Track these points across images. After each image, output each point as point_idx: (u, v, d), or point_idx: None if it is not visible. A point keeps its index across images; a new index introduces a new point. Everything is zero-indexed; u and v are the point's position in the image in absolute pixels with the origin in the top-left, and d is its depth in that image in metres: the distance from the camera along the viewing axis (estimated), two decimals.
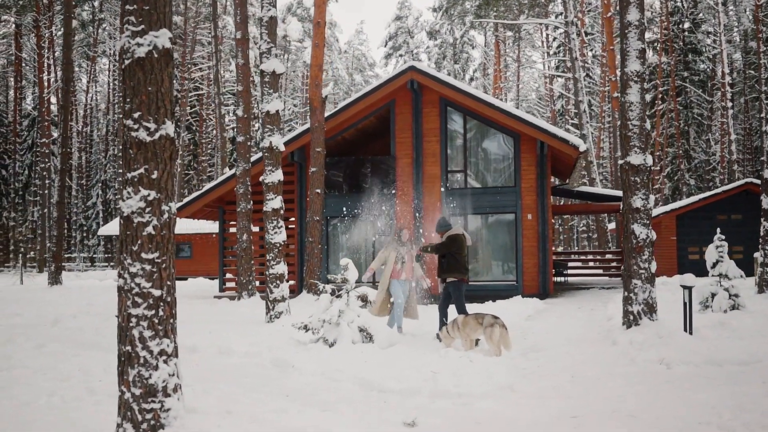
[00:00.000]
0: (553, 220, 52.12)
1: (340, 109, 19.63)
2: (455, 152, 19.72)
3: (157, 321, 5.39)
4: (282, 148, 13.03)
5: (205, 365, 9.52)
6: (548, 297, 18.55)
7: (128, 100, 5.40)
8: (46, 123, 41.26)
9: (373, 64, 70.46)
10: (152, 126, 5.37)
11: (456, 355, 9.02)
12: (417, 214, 19.27)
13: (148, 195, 5.36)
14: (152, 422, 5.32)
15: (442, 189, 19.46)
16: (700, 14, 43.02)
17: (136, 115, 5.35)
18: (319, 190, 17.98)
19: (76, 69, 59.40)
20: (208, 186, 20.82)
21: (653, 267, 10.82)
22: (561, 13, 37.26)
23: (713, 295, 13.34)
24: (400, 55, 63.30)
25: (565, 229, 51.92)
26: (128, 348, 5.36)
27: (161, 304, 5.41)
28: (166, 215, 5.44)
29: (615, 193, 23.10)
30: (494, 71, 51.22)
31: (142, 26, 5.37)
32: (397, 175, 19.67)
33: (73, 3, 51.43)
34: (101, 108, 63.32)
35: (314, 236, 18.07)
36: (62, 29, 26.97)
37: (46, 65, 44.14)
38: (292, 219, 20.89)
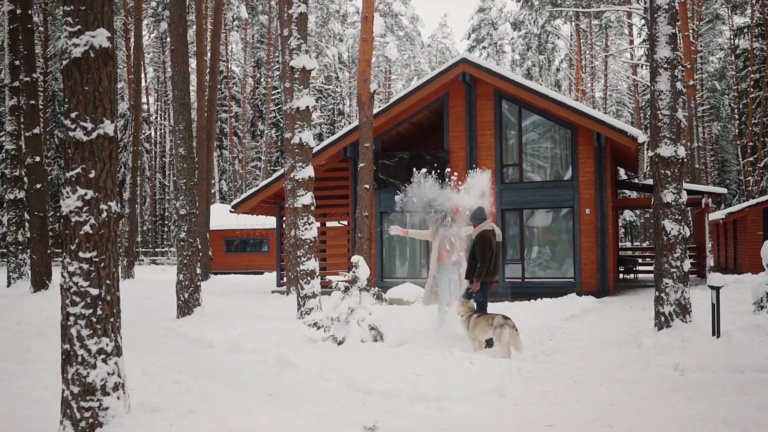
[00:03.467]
0: (630, 216, 50.04)
1: (391, 104, 19.45)
2: (510, 145, 19.20)
3: (95, 320, 5.40)
4: (312, 144, 13.00)
5: (212, 361, 9.61)
6: (607, 295, 17.82)
7: (66, 100, 5.43)
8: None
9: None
10: (89, 125, 5.38)
11: (459, 356, 8.73)
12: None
13: (86, 194, 5.38)
14: (90, 420, 5.35)
15: (497, 183, 18.98)
16: None
17: (73, 115, 5.38)
18: (367, 186, 17.88)
19: (168, 68, 61.40)
20: (263, 183, 21.09)
21: (686, 265, 10.17)
22: None
23: None
24: (483, 48, 62.28)
25: (651, 224, 49.87)
26: (67, 346, 5.41)
27: (99, 302, 5.42)
28: (104, 214, 5.44)
29: (686, 186, 21.90)
30: (576, 61, 49.72)
31: (79, 26, 5.38)
32: (451, 170, 19.28)
33: (162, 6, 53.34)
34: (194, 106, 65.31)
35: (363, 232, 18.00)
36: (132, 31, 27.98)
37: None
38: (347, 214, 20.92)
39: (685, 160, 10.41)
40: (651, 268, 25.61)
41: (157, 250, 50.99)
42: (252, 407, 6.60)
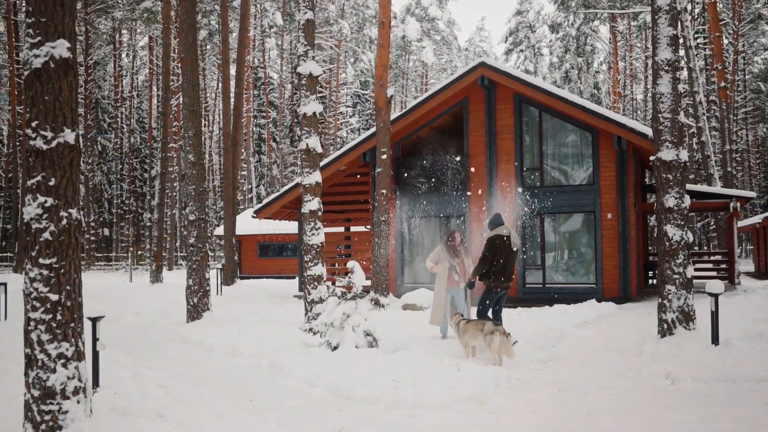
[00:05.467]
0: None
1: (410, 109, 19.44)
2: (530, 149, 19.01)
3: (55, 325, 5.50)
4: (319, 150, 13.04)
5: (208, 365, 9.71)
6: (629, 301, 17.48)
7: (28, 109, 5.55)
8: (173, 129, 43.64)
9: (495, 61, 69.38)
10: (49, 134, 5.49)
11: (447, 363, 8.68)
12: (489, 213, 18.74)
13: (45, 202, 5.49)
14: (50, 423, 5.44)
15: (517, 187, 18.81)
16: None
17: (34, 124, 5.50)
18: (384, 191, 17.87)
19: (209, 76, 62.29)
20: (284, 188, 21.24)
21: (689, 272, 9.93)
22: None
23: None
24: (521, 51, 61.90)
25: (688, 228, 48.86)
26: (28, 350, 5.52)
27: (59, 308, 5.52)
28: (65, 221, 5.54)
29: (714, 190, 21.44)
30: (613, 63, 49.01)
31: (39, 38, 5.50)
32: (470, 174, 19.22)
33: (201, 14, 54.16)
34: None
35: (380, 237, 17.99)
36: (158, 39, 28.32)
37: (174, 73, 46.54)
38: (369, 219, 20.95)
39: (688, 163, 10.17)
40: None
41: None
42: (223, 413, 6.65)
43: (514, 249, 10.40)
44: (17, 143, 39.54)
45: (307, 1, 13.19)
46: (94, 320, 7.55)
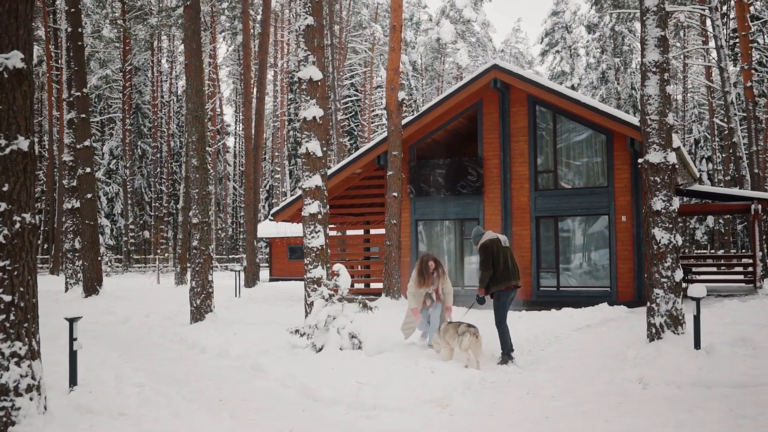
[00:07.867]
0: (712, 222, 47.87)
1: (424, 112, 19.48)
2: (544, 152, 18.91)
3: (8, 325, 5.74)
4: (319, 153, 13.18)
5: (194, 366, 9.91)
6: (642, 304, 17.19)
7: None
8: (211, 133, 44.37)
9: (531, 62, 68.90)
10: (3, 142, 5.73)
11: (423, 365, 8.74)
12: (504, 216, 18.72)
13: None
14: (4, 419, 5.68)
15: (531, 190, 18.73)
16: None
17: None
18: (395, 194, 17.95)
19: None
20: (300, 193, 21.47)
21: (678, 275, 9.82)
22: None
23: None
24: (557, 51, 61.25)
25: (727, 231, 47.83)
26: None
27: (12, 308, 5.75)
28: (18, 225, 5.77)
29: (733, 191, 21.01)
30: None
31: None
32: (484, 177, 19.18)
33: (237, 19, 54.97)
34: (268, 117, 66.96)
35: (392, 239, 18.08)
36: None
37: (209, 78, 47.37)
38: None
39: (676, 166, 10.06)
40: (714, 276, 24.57)
41: (231, 256, 52.40)
42: (184, 412, 6.82)
43: (507, 246, 10.21)
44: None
45: (308, 7, 13.35)
46: (71, 321, 7.78)
